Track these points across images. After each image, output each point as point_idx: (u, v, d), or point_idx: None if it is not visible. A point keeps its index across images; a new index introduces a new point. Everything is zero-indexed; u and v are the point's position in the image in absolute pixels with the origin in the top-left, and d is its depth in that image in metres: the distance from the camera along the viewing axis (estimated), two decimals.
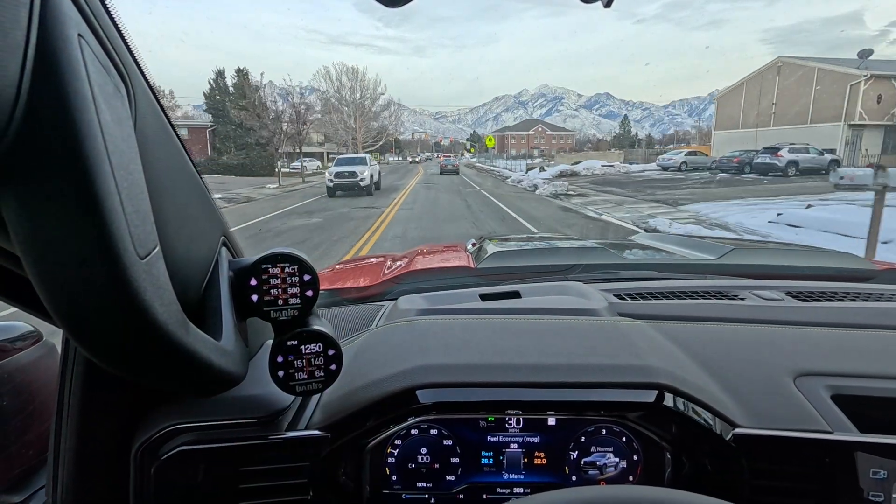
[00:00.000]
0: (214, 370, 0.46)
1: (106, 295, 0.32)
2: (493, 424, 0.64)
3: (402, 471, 0.65)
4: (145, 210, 0.36)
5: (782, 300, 0.91)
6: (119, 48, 0.38)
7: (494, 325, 0.77)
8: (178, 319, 0.39)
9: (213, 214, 0.58)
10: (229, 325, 0.50)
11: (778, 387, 0.63)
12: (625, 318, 0.81)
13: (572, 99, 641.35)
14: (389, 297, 1.11)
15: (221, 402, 0.57)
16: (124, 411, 0.56)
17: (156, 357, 0.38)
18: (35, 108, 0.27)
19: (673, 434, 0.62)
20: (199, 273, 0.51)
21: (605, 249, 1.43)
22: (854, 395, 0.62)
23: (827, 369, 0.66)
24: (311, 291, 0.52)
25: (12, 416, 0.64)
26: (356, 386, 0.62)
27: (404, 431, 0.65)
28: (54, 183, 0.28)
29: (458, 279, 1.19)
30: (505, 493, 0.64)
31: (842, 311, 0.86)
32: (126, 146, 0.34)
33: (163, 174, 0.45)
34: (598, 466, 0.64)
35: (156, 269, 0.36)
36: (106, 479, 0.56)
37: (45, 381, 0.70)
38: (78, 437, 0.54)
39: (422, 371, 0.63)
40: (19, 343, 0.69)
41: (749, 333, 0.77)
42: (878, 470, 0.55)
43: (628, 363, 0.64)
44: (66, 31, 0.28)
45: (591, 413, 0.63)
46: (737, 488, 0.58)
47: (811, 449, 0.57)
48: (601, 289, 0.98)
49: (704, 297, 0.94)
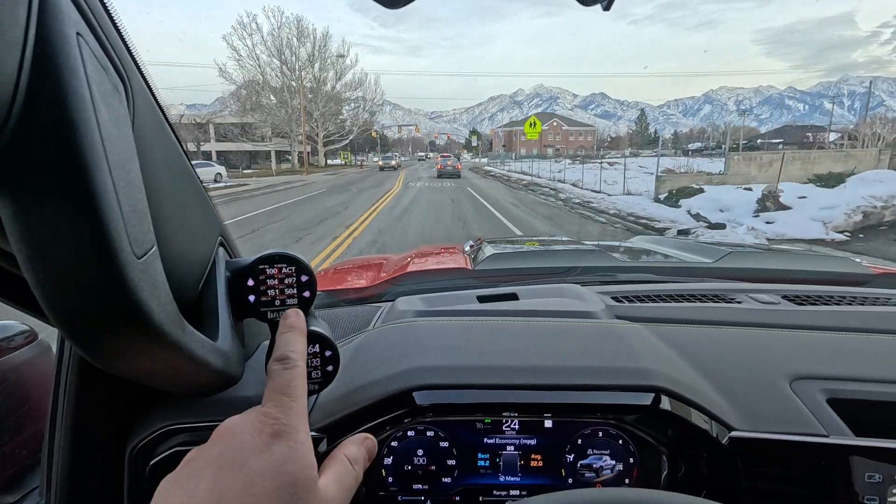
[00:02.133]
0: (211, 370, 0.46)
1: (102, 294, 0.32)
2: (489, 426, 0.64)
3: (398, 472, 0.65)
4: (142, 209, 0.35)
5: (779, 304, 0.92)
6: (118, 47, 0.38)
7: (492, 326, 0.77)
8: (174, 319, 0.38)
9: (211, 214, 0.58)
10: (226, 325, 0.49)
11: (774, 390, 0.64)
12: (622, 321, 0.81)
13: (568, 99, 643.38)
14: (387, 298, 1.11)
15: (218, 402, 0.57)
16: (119, 411, 0.56)
17: (152, 357, 0.38)
18: (32, 107, 0.26)
19: (669, 437, 0.62)
20: (196, 273, 0.51)
21: (602, 252, 1.43)
22: (850, 399, 0.62)
23: (823, 373, 0.66)
24: (308, 292, 0.52)
25: (6, 415, 0.64)
26: (353, 387, 0.62)
27: (401, 433, 0.65)
28: (51, 181, 0.28)
29: (456, 281, 1.19)
30: (501, 496, 0.64)
31: (838, 315, 0.86)
32: (124, 145, 0.34)
33: (160, 173, 0.45)
34: (595, 469, 0.64)
35: (152, 269, 0.36)
36: (100, 479, 0.55)
37: (40, 380, 0.70)
38: (72, 436, 0.53)
39: (419, 373, 0.63)
40: (14, 342, 0.69)
41: (745, 337, 0.77)
42: (873, 473, 0.55)
43: (625, 366, 0.64)
44: (64, 30, 0.28)
45: (588, 415, 0.63)
46: (733, 491, 0.58)
47: (807, 452, 0.57)
48: (598, 291, 0.98)
49: (701, 300, 0.94)
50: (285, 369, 0.39)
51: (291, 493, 0.32)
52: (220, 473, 0.32)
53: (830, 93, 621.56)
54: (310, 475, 0.34)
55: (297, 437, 0.35)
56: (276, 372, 0.39)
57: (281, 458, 0.33)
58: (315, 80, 41.86)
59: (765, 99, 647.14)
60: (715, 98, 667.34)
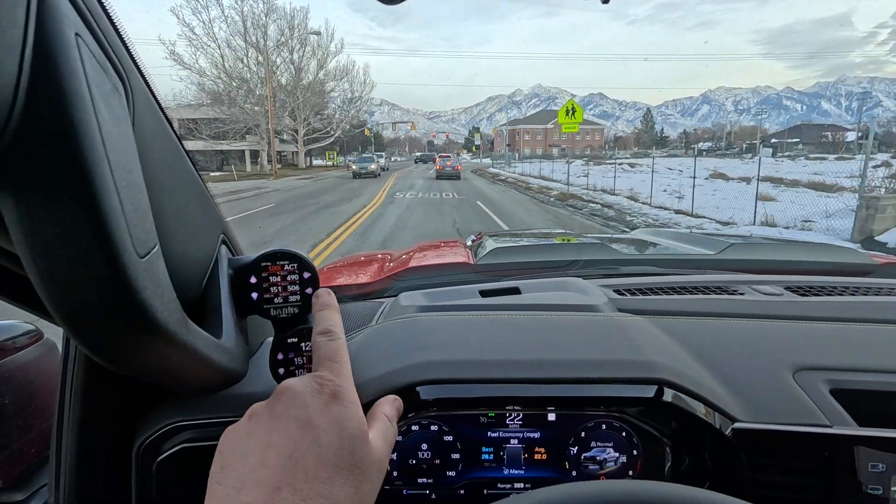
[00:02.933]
0: (215, 368, 0.47)
1: (106, 294, 0.32)
2: (493, 420, 0.65)
3: (402, 467, 0.65)
4: (144, 209, 0.36)
5: (781, 295, 0.92)
6: (117, 47, 0.38)
7: (494, 321, 0.77)
8: (178, 318, 0.39)
9: (213, 212, 0.58)
10: (229, 323, 0.50)
11: (777, 381, 0.64)
12: (625, 314, 0.82)
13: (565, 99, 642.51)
14: (389, 293, 1.11)
15: (222, 399, 0.57)
16: (125, 409, 0.56)
17: (156, 355, 0.38)
18: (33, 108, 0.27)
19: (673, 429, 0.63)
20: (198, 271, 0.51)
21: (604, 245, 1.43)
22: (853, 390, 0.62)
23: (826, 364, 0.66)
24: (310, 289, 0.52)
25: (14, 414, 0.64)
26: (357, 383, 0.62)
27: (405, 427, 0.65)
28: (52, 182, 0.28)
29: (458, 275, 1.19)
30: (505, 489, 0.64)
31: (841, 306, 0.86)
32: (124, 145, 0.34)
33: (161, 172, 0.45)
34: (598, 461, 0.64)
35: (155, 268, 0.36)
36: (108, 476, 0.56)
37: (46, 379, 0.70)
38: (79, 434, 0.54)
39: (422, 367, 0.63)
40: (20, 342, 0.69)
41: (748, 328, 0.77)
42: (876, 463, 0.56)
43: (628, 358, 0.64)
44: (63, 31, 0.28)
45: (591, 408, 0.63)
46: (736, 482, 0.58)
47: (810, 443, 0.57)
48: (601, 284, 0.98)
49: (704, 292, 0.94)
50: (330, 340, 0.44)
51: (352, 446, 0.36)
52: (290, 427, 0.35)
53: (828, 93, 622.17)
54: (364, 430, 0.38)
55: (350, 396, 0.40)
56: (321, 343, 0.44)
57: (339, 416, 0.37)
58: (294, 68, 35.43)
59: (763, 99, 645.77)
60: (713, 98, 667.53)
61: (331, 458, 0.35)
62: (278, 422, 0.36)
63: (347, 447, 0.36)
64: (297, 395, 0.38)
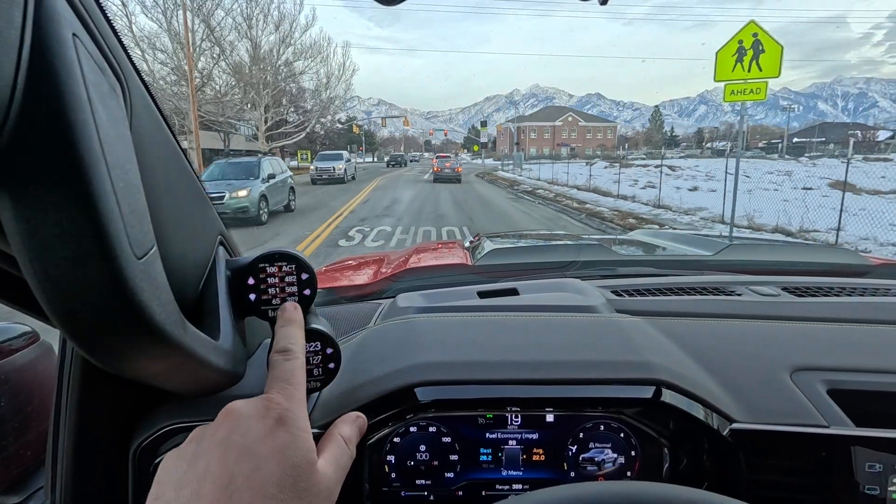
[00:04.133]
0: (213, 370, 0.46)
1: (103, 296, 0.32)
2: (491, 421, 0.65)
3: (401, 468, 0.65)
4: (142, 210, 0.35)
5: (778, 296, 0.92)
6: (114, 48, 0.37)
7: (493, 322, 0.77)
8: (175, 319, 0.38)
9: (210, 213, 0.58)
10: (227, 324, 0.49)
11: (774, 382, 0.64)
12: (622, 315, 0.82)
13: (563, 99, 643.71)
14: (387, 295, 1.11)
15: (220, 401, 0.57)
16: (122, 411, 0.56)
17: (154, 357, 0.38)
18: (30, 109, 0.26)
19: (671, 429, 0.63)
20: (196, 272, 0.51)
21: (602, 246, 1.43)
22: (850, 390, 0.63)
23: (823, 364, 0.67)
24: (308, 290, 0.52)
25: (10, 417, 0.64)
26: (355, 384, 0.62)
27: (403, 429, 0.65)
28: (49, 183, 0.28)
29: (456, 277, 1.19)
30: (504, 490, 0.64)
31: (837, 307, 0.86)
32: (122, 146, 0.34)
33: (159, 174, 0.45)
34: (597, 462, 0.64)
35: (153, 269, 0.36)
36: (104, 479, 0.56)
37: (43, 381, 0.70)
38: (76, 437, 0.53)
39: (420, 369, 0.63)
40: (16, 344, 0.69)
41: (746, 329, 0.77)
42: (873, 463, 0.56)
43: (626, 359, 0.65)
44: (60, 31, 0.28)
45: (590, 409, 0.63)
46: (734, 483, 0.58)
47: (808, 443, 0.57)
48: (599, 285, 0.98)
49: (701, 293, 0.94)
50: (286, 360, 0.42)
51: (294, 476, 0.34)
52: (229, 455, 0.33)
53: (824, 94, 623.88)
54: (310, 459, 0.36)
55: (298, 423, 0.37)
56: (277, 362, 0.42)
57: (284, 444, 0.35)
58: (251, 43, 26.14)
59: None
60: (710, 98, 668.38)
61: (271, 490, 0.33)
62: (217, 449, 0.34)
63: (290, 477, 0.34)
64: (241, 420, 0.36)
